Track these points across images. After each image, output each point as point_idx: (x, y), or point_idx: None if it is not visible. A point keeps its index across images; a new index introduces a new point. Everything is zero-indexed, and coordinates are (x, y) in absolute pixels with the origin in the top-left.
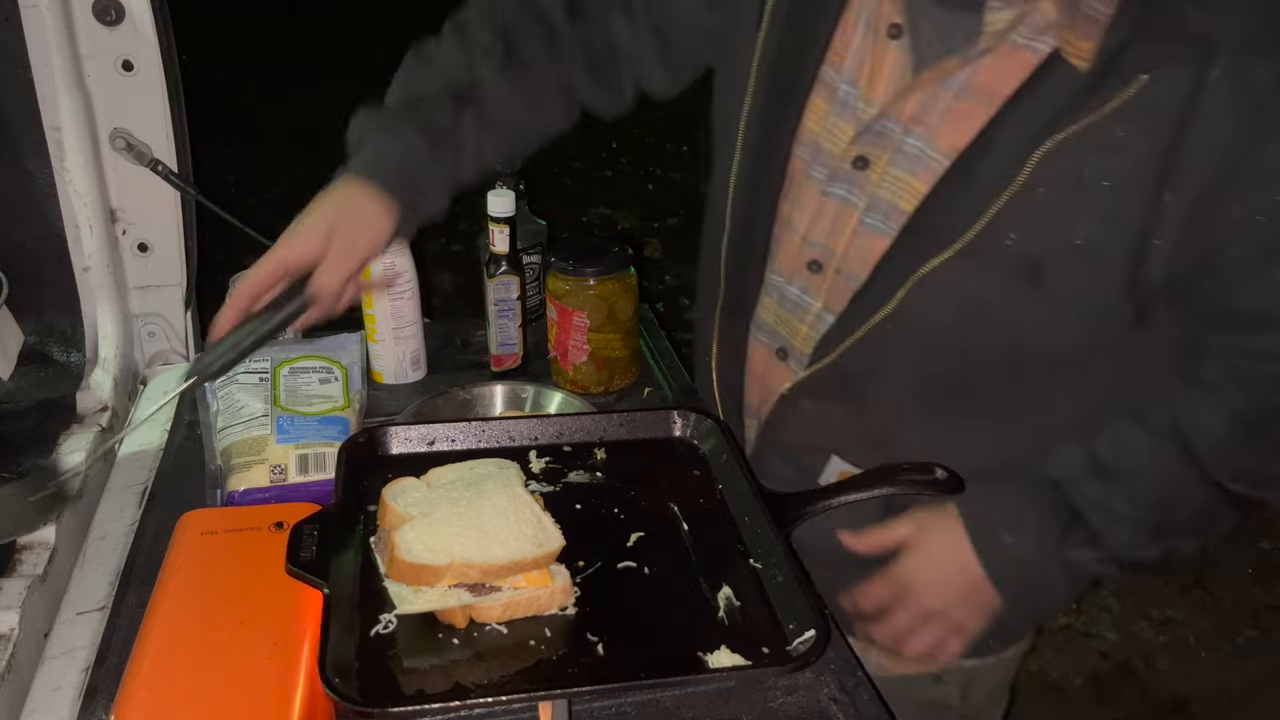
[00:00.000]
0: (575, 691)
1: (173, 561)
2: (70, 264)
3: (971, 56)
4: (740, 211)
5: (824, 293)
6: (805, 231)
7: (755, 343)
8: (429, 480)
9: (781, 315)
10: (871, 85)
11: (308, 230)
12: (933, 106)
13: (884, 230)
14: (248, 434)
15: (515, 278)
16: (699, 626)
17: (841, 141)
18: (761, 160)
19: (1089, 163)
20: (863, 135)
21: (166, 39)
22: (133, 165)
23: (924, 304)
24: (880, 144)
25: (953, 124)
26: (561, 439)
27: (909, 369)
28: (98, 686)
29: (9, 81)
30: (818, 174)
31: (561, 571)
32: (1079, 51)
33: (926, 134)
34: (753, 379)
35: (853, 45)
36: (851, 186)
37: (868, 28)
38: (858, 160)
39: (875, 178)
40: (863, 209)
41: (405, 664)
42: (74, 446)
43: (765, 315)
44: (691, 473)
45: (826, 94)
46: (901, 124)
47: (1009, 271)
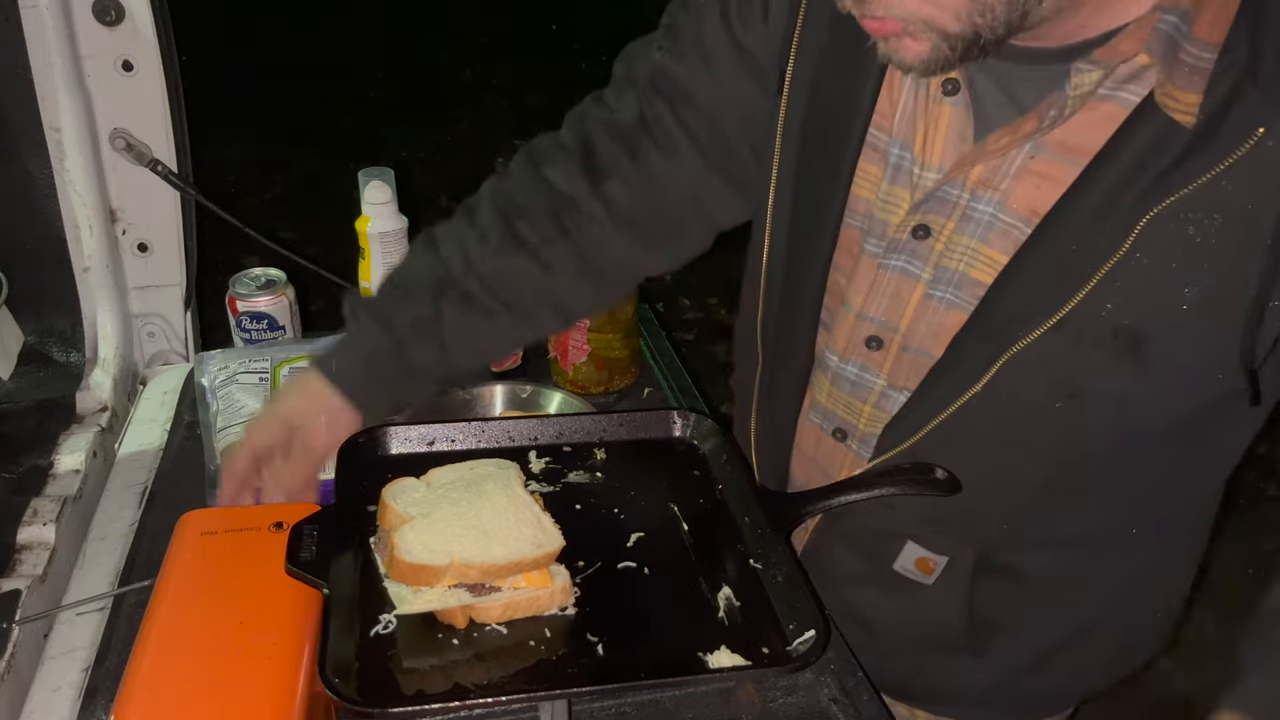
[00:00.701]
0: (575, 691)
1: (172, 561)
2: (70, 264)
3: (1053, 121)
4: (779, 283)
5: (887, 370)
6: (860, 307)
7: (806, 423)
8: (429, 480)
9: (837, 395)
10: (928, 148)
11: (272, 421)
12: (1004, 168)
13: (957, 304)
14: None
15: None
16: (699, 626)
17: (899, 211)
18: (804, 229)
19: (1197, 224)
20: (923, 204)
21: (166, 39)
22: (132, 165)
23: (1014, 383)
24: (942, 210)
25: (1030, 186)
26: (561, 439)
27: (997, 449)
28: (97, 686)
29: (9, 81)
30: (872, 246)
31: (561, 572)
32: (1183, 105)
33: (999, 198)
34: (801, 459)
35: (900, 104)
36: (912, 257)
37: (917, 83)
38: (917, 229)
39: (940, 247)
40: (928, 281)
41: (405, 664)
42: (74, 446)
43: (818, 395)
44: (691, 473)
45: (877, 158)
46: (967, 189)
47: (1108, 344)
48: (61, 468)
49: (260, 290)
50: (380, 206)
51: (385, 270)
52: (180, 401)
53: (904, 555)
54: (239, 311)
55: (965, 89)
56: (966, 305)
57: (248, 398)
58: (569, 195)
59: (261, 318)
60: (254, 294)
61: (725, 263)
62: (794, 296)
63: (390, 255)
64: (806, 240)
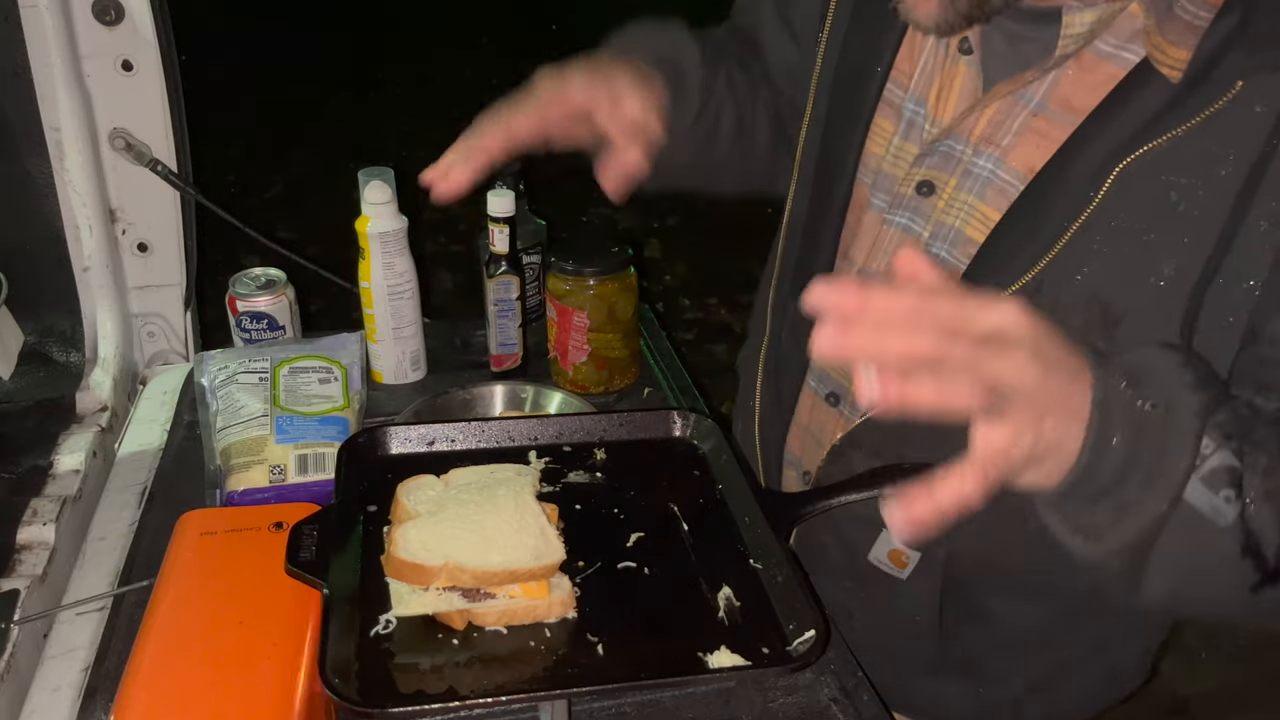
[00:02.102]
0: (575, 692)
1: (172, 562)
2: (70, 264)
3: (1048, 67)
4: (796, 243)
5: None
6: (863, 263)
7: (805, 388)
8: (447, 480)
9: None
10: (940, 105)
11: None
12: (1006, 125)
13: (951, 260)
14: (247, 434)
15: (515, 278)
16: (699, 626)
17: (905, 164)
18: (823, 188)
19: (1175, 185)
20: (927, 157)
21: (166, 39)
22: (132, 165)
23: None
24: (946, 167)
25: (1029, 143)
26: (561, 439)
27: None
28: (97, 686)
29: (9, 81)
30: (879, 200)
31: (563, 584)
32: (1171, 60)
33: (999, 154)
34: (797, 429)
35: (920, 61)
36: (915, 214)
37: (937, 42)
38: (922, 186)
39: (941, 204)
40: (927, 238)
41: (405, 664)
42: (74, 446)
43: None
44: (691, 473)
45: (892, 114)
46: (971, 144)
47: (1080, 312)
48: (61, 468)
49: (260, 290)
50: (380, 206)
51: (385, 270)
52: (180, 401)
53: (878, 545)
54: (239, 311)
55: (978, 49)
56: (960, 263)
57: (248, 398)
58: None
59: (261, 318)
60: (254, 294)
61: (725, 263)
62: (809, 255)
63: (390, 255)
64: (824, 198)
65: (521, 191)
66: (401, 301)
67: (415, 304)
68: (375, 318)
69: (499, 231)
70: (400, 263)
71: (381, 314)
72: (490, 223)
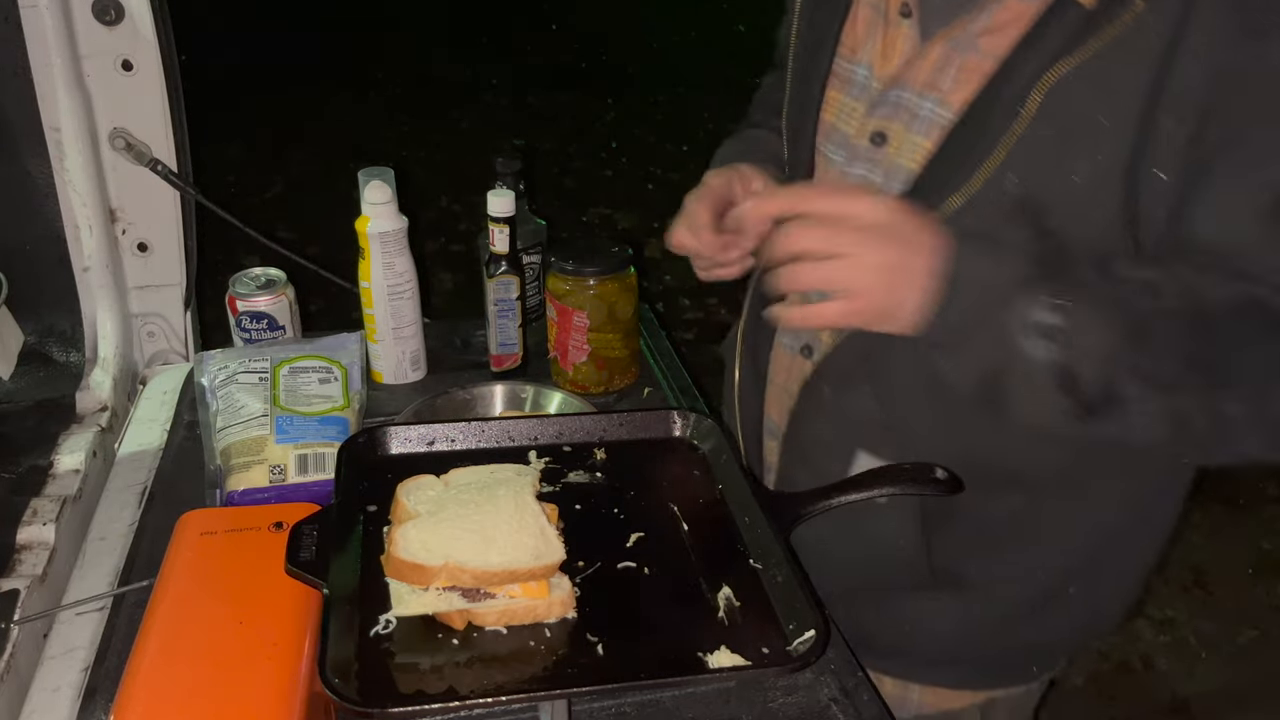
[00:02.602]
0: (575, 691)
1: (172, 562)
2: (70, 264)
3: (977, 12)
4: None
5: None
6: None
7: (778, 349)
8: (447, 480)
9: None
10: (884, 62)
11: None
12: (945, 70)
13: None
14: (247, 434)
15: (515, 278)
16: (699, 626)
17: (857, 120)
18: (795, 158)
19: (1085, 99)
20: (877, 108)
21: (166, 39)
22: (132, 165)
23: None
24: (896, 115)
25: (964, 81)
26: (561, 439)
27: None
28: (97, 686)
29: (9, 81)
30: (837, 157)
31: (563, 584)
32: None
33: (940, 96)
34: (774, 389)
35: (863, 32)
36: (871, 164)
37: (877, 13)
38: (875, 136)
39: (893, 150)
40: (881, 182)
41: (405, 664)
42: (73, 446)
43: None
44: (691, 473)
45: (843, 85)
46: (915, 91)
47: (1010, 219)
48: (61, 468)
49: (260, 290)
50: (380, 206)
51: (385, 270)
52: (180, 401)
53: (856, 468)
54: (239, 311)
55: (916, 9)
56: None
57: (247, 398)
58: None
59: (261, 317)
60: (254, 294)
61: None
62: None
63: (390, 255)
64: (794, 170)
65: (521, 191)
66: (401, 301)
67: (415, 304)
68: (375, 318)
69: (499, 231)
70: (400, 263)
71: (381, 314)
72: (490, 223)
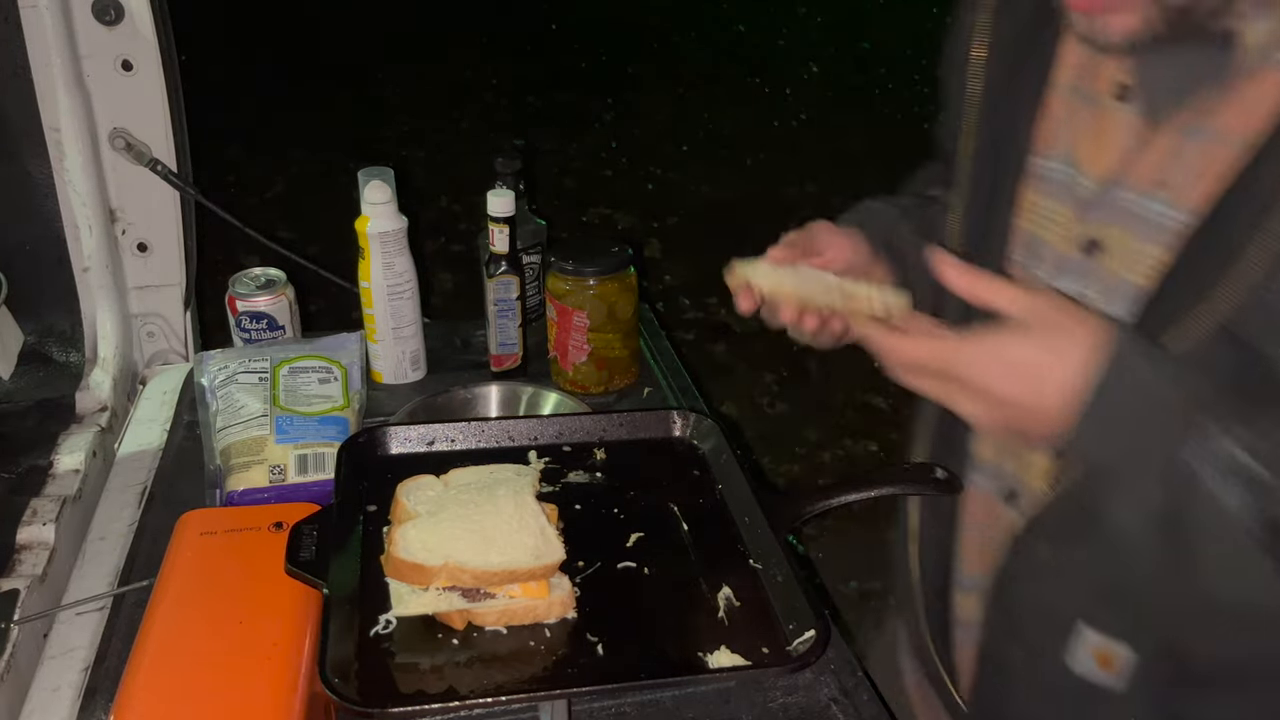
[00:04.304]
0: (575, 691)
1: (172, 561)
2: (70, 264)
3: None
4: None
5: None
6: None
7: (973, 490)
8: (447, 480)
9: (1007, 447)
10: (1095, 156)
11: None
12: (1177, 162)
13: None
14: (247, 434)
15: (515, 278)
16: (699, 626)
17: (1062, 226)
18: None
19: None
20: (1090, 212)
21: (166, 39)
22: (132, 165)
23: None
24: (1114, 219)
25: (1203, 175)
26: (561, 439)
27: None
28: (97, 686)
29: (9, 81)
30: (1041, 271)
31: (562, 584)
32: None
33: (1171, 196)
34: (969, 537)
35: (1062, 125)
36: (1084, 277)
37: (1083, 100)
38: (1088, 245)
39: (1114, 264)
40: (1099, 299)
41: (405, 664)
42: (73, 446)
43: (985, 451)
44: (691, 473)
45: (1040, 185)
46: (1139, 190)
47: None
48: (61, 468)
49: (260, 290)
50: (380, 206)
51: (385, 270)
52: (180, 401)
53: (1076, 645)
54: (239, 311)
55: (1141, 90)
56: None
57: (247, 397)
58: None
59: (261, 318)
60: (254, 294)
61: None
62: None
63: (390, 255)
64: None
65: (521, 191)
66: (401, 301)
67: (415, 304)
68: (375, 318)
69: (499, 231)
70: (400, 263)
71: (381, 314)
72: (490, 223)
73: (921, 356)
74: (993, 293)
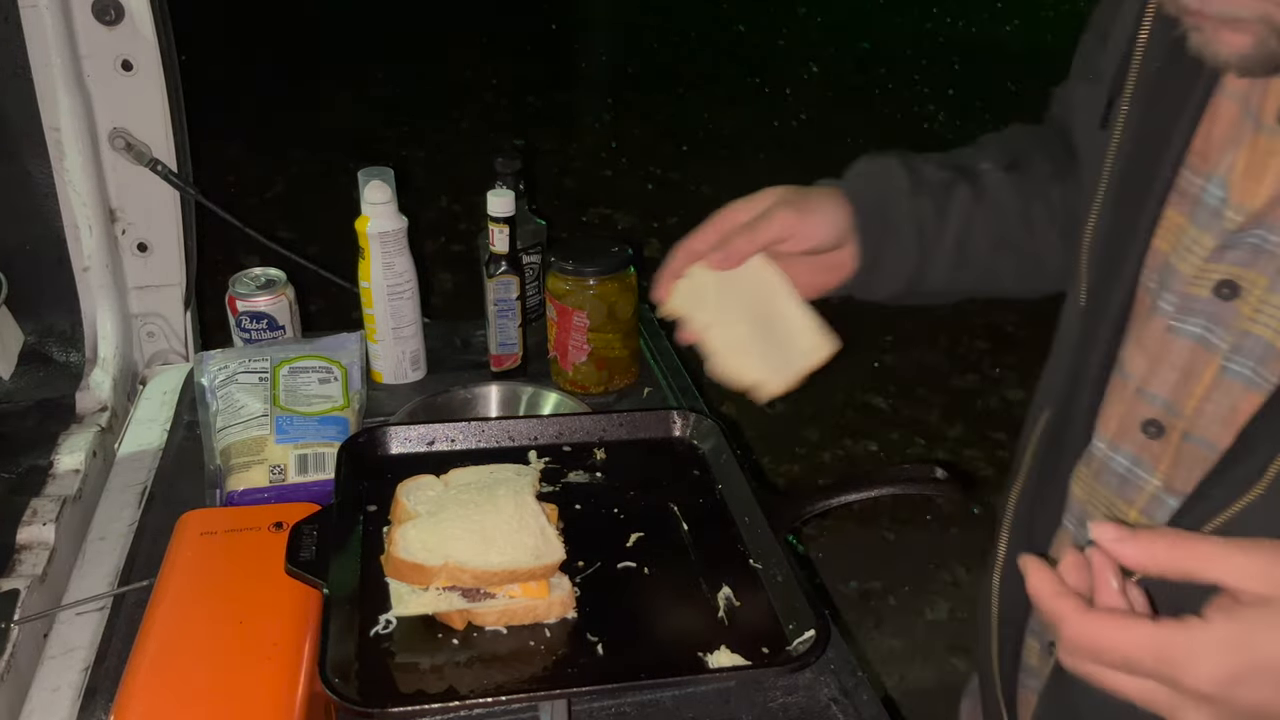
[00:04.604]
0: (575, 691)
1: (172, 561)
2: (70, 264)
3: None
4: (1070, 357)
5: (1164, 466)
6: (1142, 380)
7: (1063, 533)
8: (447, 480)
9: (1099, 493)
10: (1247, 187)
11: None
12: None
13: (1255, 382)
14: (247, 434)
15: (515, 278)
16: (699, 626)
17: (1199, 258)
18: (1101, 293)
19: None
20: (1228, 250)
21: (166, 39)
22: (132, 165)
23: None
24: (1256, 263)
25: None
26: (561, 439)
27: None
28: (97, 686)
29: (9, 81)
30: (1165, 304)
31: (563, 584)
32: None
33: None
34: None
35: (1223, 140)
36: (1212, 322)
37: (1248, 116)
38: (1222, 287)
39: (1248, 310)
40: (1226, 350)
41: (405, 664)
42: (73, 446)
43: (1078, 491)
44: (691, 473)
45: (1185, 204)
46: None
47: None
48: (61, 467)
49: (260, 290)
50: (380, 206)
51: (385, 270)
52: (180, 401)
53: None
54: (239, 311)
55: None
56: (1267, 383)
57: (247, 398)
58: (1063, 156)
59: (261, 318)
60: (254, 294)
61: None
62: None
63: (390, 255)
64: (1099, 303)
65: (521, 191)
66: (401, 301)
67: (415, 304)
68: (375, 318)
69: (499, 231)
70: (400, 263)
71: (381, 314)
72: (490, 223)
73: (1129, 650)
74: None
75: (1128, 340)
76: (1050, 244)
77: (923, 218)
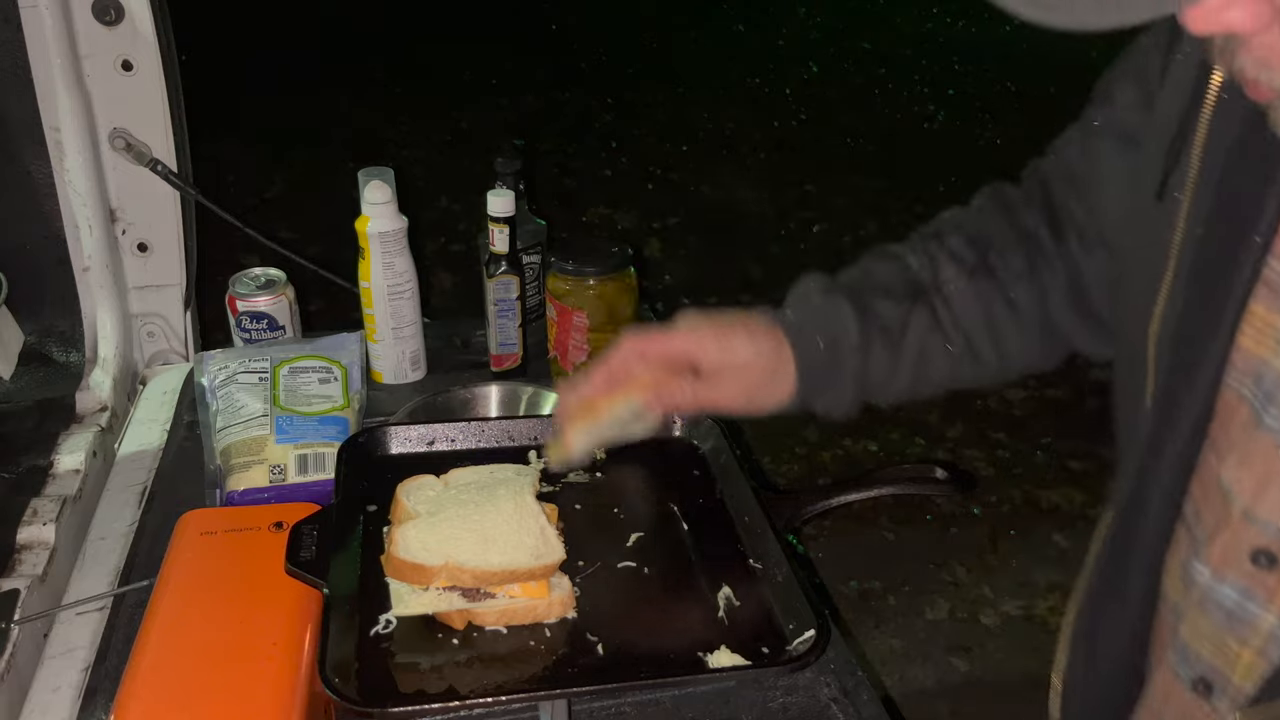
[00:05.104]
0: (575, 691)
1: (172, 561)
2: (70, 264)
3: None
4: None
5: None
6: (1249, 503)
7: (1161, 669)
8: (447, 480)
9: (1204, 629)
10: None
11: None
12: None
13: None
14: (247, 434)
15: (515, 278)
16: (699, 626)
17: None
18: (1175, 392)
19: None
20: None
21: (166, 39)
22: (132, 165)
23: None
24: None
25: None
26: None
27: None
28: (97, 686)
29: (9, 81)
30: (1272, 420)
31: (562, 584)
32: None
33: None
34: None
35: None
36: None
37: None
38: None
39: None
40: None
41: (405, 664)
42: (73, 446)
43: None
44: (691, 473)
45: (1277, 300)
46: None
47: None
48: (61, 468)
49: (260, 290)
50: (380, 206)
51: (385, 270)
52: (180, 401)
53: None
54: (239, 311)
55: None
56: None
57: (247, 398)
58: (1037, 240)
59: (261, 318)
60: (254, 294)
61: (725, 263)
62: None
63: (390, 255)
64: (1176, 407)
65: (521, 191)
66: (401, 301)
67: (415, 304)
68: (375, 318)
69: (499, 231)
70: (400, 263)
71: (381, 314)
72: (490, 223)
73: None
74: None
75: (1225, 453)
76: (1016, 348)
77: (872, 369)
